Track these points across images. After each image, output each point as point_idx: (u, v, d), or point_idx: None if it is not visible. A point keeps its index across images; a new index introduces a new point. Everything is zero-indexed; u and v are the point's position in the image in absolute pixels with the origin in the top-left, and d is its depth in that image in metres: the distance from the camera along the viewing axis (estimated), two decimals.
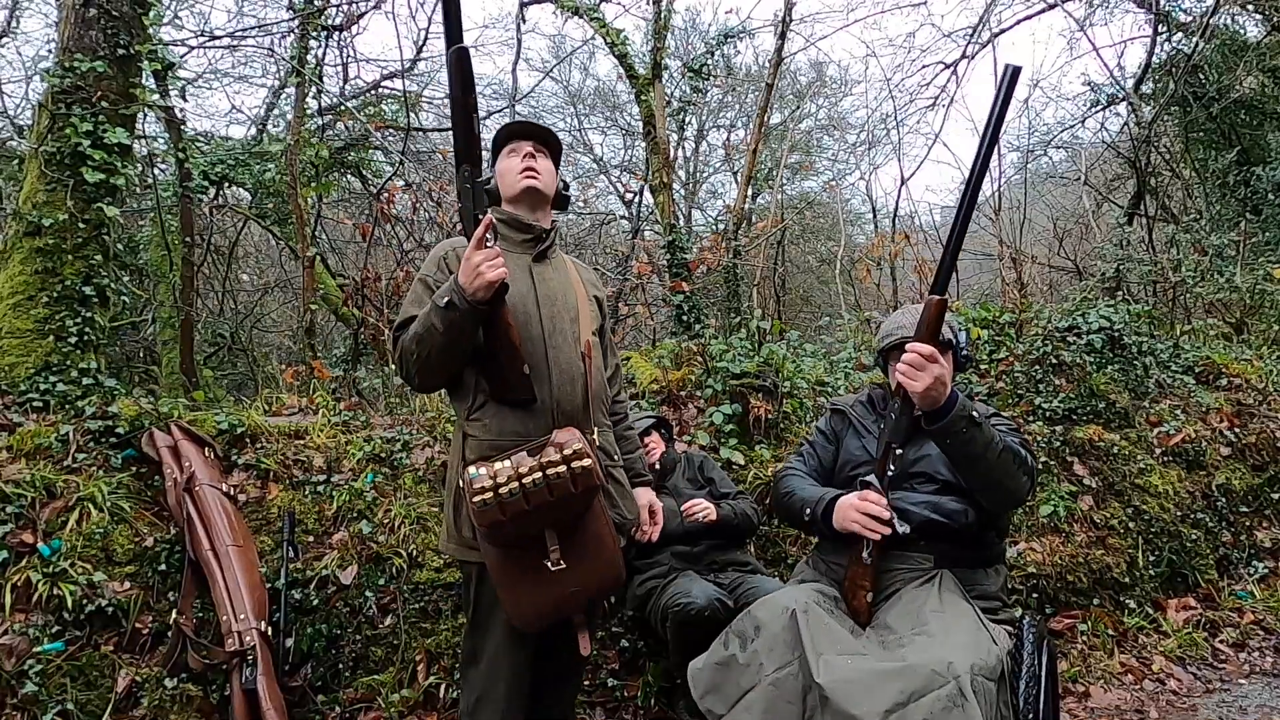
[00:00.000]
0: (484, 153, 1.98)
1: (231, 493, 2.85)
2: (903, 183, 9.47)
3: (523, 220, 1.99)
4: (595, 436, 1.91)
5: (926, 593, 1.84)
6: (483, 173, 1.84)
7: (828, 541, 2.10)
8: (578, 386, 1.90)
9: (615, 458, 2.05)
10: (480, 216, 1.75)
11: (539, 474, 1.70)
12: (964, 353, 2.15)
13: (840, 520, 1.94)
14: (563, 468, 1.70)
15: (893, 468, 1.93)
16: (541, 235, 2.01)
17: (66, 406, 3.06)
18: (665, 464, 3.01)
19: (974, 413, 1.80)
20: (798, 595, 1.81)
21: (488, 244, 1.72)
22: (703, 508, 2.80)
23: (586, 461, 1.72)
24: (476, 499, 1.68)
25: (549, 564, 1.76)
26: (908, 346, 1.82)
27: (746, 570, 2.79)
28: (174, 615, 2.54)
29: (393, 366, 4.59)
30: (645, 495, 2.16)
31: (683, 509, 2.79)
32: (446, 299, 1.72)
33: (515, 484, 1.69)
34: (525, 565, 1.77)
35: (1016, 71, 1.76)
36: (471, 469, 1.73)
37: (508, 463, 1.73)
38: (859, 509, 1.90)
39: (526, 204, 2.00)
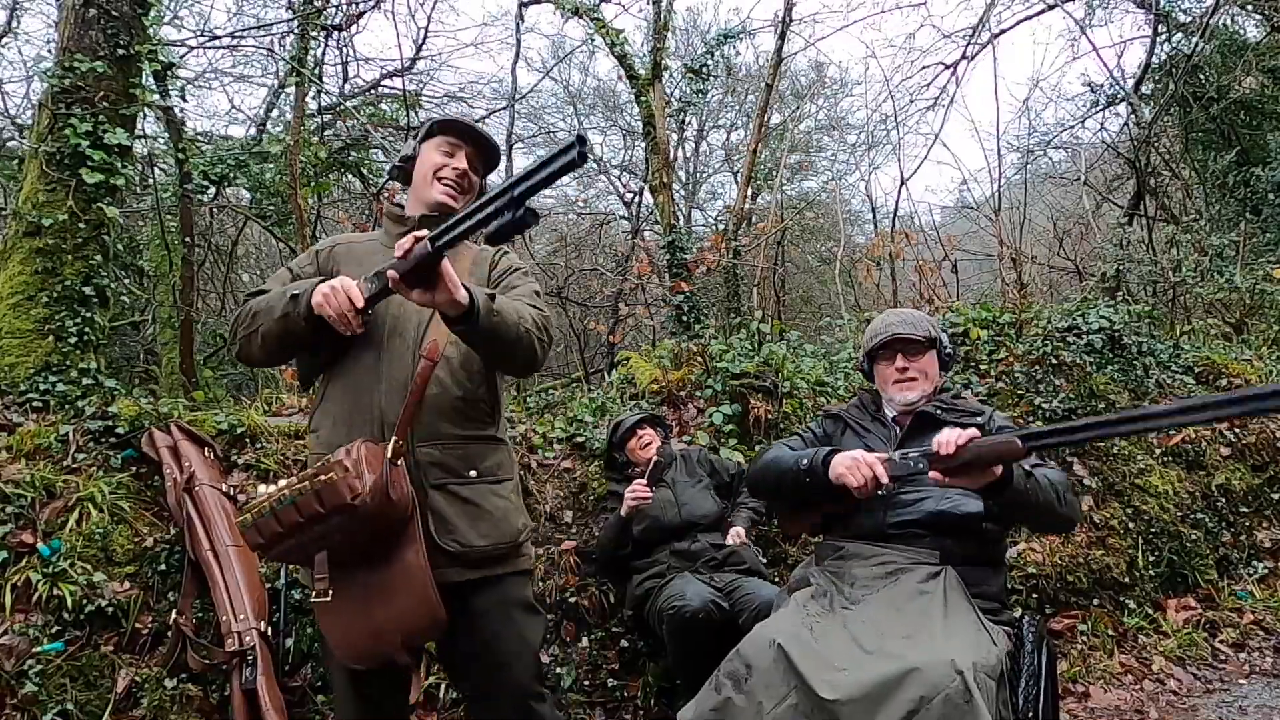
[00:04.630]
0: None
1: (231, 493, 2.84)
2: (902, 183, 9.43)
3: (409, 218, 1.82)
4: (430, 449, 1.66)
5: (932, 588, 1.83)
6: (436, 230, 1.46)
7: (829, 543, 2.09)
8: (404, 395, 1.65)
9: (466, 474, 1.71)
10: (388, 274, 1.50)
11: (284, 492, 1.54)
12: (947, 350, 2.14)
13: (835, 468, 1.86)
14: (307, 484, 1.52)
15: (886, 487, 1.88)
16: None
17: (66, 406, 3.06)
18: (663, 457, 3.03)
19: (1024, 466, 1.74)
20: (780, 625, 1.79)
21: (367, 316, 1.59)
22: (736, 533, 2.93)
23: (331, 475, 1.50)
24: (238, 520, 1.57)
25: (325, 597, 1.56)
26: (933, 477, 1.72)
27: (743, 570, 2.79)
28: (174, 615, 2.53)
29: None
30: None
31: (729, 542, 2.89)
32: (296, 294, 1.61)
33: (266, 504, 1.54)
34: (342, 594, 1.58)
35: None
36: (263, 487, 1.60)
37: (284, 480, 1.58)
38: (858, 457, 1.83)
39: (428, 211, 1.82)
